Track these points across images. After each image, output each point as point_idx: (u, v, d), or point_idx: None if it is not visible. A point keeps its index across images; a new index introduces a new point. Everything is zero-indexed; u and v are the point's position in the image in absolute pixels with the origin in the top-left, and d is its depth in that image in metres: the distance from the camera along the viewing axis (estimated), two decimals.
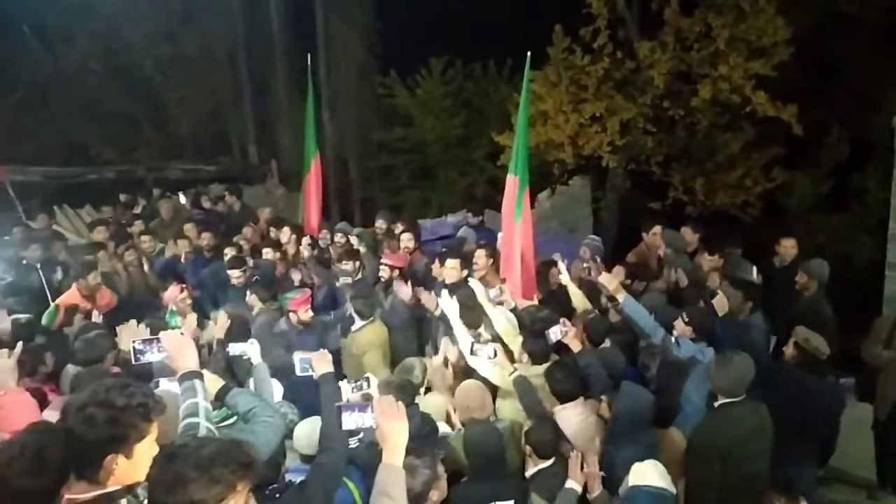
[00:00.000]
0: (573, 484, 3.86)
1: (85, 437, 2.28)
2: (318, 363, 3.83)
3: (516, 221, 6.67)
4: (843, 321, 6.65)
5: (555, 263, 6.64)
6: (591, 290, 6.56)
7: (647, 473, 3.65)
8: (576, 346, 5.16)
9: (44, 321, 6.32)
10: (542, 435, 4.18)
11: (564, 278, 6.38)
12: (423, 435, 4.28)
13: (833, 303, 6.56)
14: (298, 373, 4.34)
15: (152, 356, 3.41)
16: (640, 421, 4.42)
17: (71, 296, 7.00)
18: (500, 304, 6.20)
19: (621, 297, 5.52)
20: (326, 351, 3.97)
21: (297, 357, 4.40)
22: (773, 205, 12.63)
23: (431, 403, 4.92)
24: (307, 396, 4.48)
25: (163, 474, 2.08)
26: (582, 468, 3.92)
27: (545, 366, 5.00)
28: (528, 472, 4.19)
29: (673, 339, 5.20)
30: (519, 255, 6.62)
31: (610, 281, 5.71)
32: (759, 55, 10.84)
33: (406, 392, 4.39)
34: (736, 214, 12.35)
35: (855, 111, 12.51)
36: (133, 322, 5.11)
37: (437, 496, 3.40)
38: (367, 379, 4.60)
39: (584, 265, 7.18)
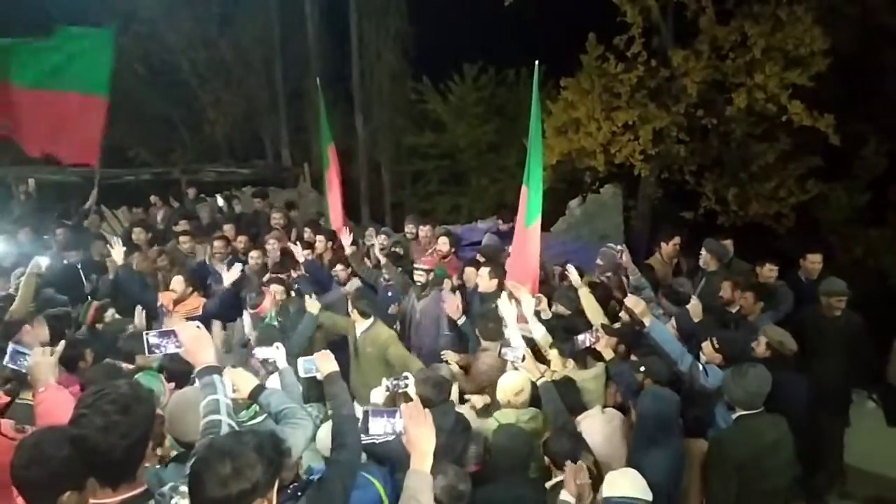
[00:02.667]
0: (567, 496, 3.83)
1: (112, 450, 2.29)
2: (323, 362, 3.83)
3: (527, 226, 6.63)
4: (880, 337, 6.56)
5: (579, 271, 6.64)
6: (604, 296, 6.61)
7: (620, 484, 3.60)
8: (608, 354, 5.16)
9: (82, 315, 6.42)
10: (560, 446, 4.15)
11: (576, 281, 6.34)
12: (456, 432, 4.33)
13: (870, 319, 6.47)
14: (302, 374, 4.22)
15: (167, 349, 3.24)
16: (666, 422, 4.40)
17: (167, 296, 7.29)
18: (538, 313, 6.24)
19: (648, 320, 5.27)
20: (328, 351, 3.95)
21: (301, 359, 4.31)
22: (808, 217, 12.45)
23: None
24: None
25: (221, 467, 2.11)
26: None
27: (594, 370, 5.17)
28: (549, 483, 4.16)
29: (700, 367, 5.03)
30: (528, 259, 6.60)
31: (636, 304, 5.38)
32: (796, 65, 10.69)
33: (442, 388, 4.45)
34: (769, 226, 12.19)
35: (894, 123, 12.29)
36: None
37: None
38: (406, 377, 4.63)
39: (601, 276, 7.21)
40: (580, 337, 5.39)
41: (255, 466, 2.13)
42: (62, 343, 4.06)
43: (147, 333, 3.26)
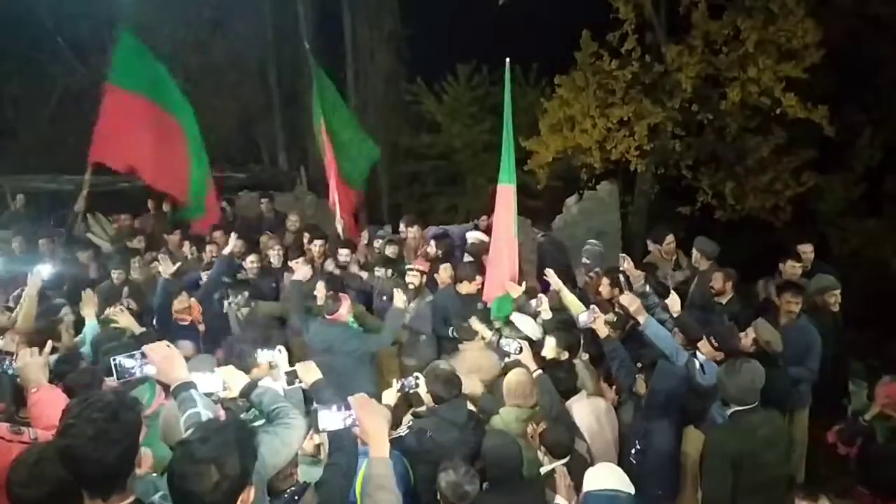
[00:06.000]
0: (560, 500, 3.86)
1: (104, 458, 2.28)
2: (306, 373, 3.83)
3: (515, 236, 6.56)
4: (880, 326, 6.58)
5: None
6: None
7: (601, 477, 3.64)
8: (603, 332, 5.23)
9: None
10: (557, 436, 4.26)
11: (555, 283, 6.35)
12: (469, 427, 4.35)
13: (870, 309, 6.50)
14: (286, 386, 4.24)
15: (140, 372, 3.17)
16: (675, 395, 4.63)
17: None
18: (537, 314, 6.29)
19: (642, 318, 5.33)
20: (311, 361, 3.96)
21: (283, 371, 4.38)
22: (804, 209, 12.46)
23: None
24: None
25: (207, 476, 2.18)
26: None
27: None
28: (544, 470, 4.23)
29: (697, 364, 5.04)
30: (513, 264, 6.53)
31: (631, 302, 5.44)
32: (789, 58, 10.70)
33: (453, 385, 4.47)
34: (766, 219, 12.20)
35: (889, 114, 12.31)
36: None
37: None
38: (417, 377, 4.64)
39: (589, 273, 7.23)
40: (582, 317, 5.57)
41: (239, 461, 2.21)
42: (49, 343, 4.03)
43: (115, 358, 3.20)
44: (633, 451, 4.67)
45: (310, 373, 3.76)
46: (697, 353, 5.10)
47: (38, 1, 15.59)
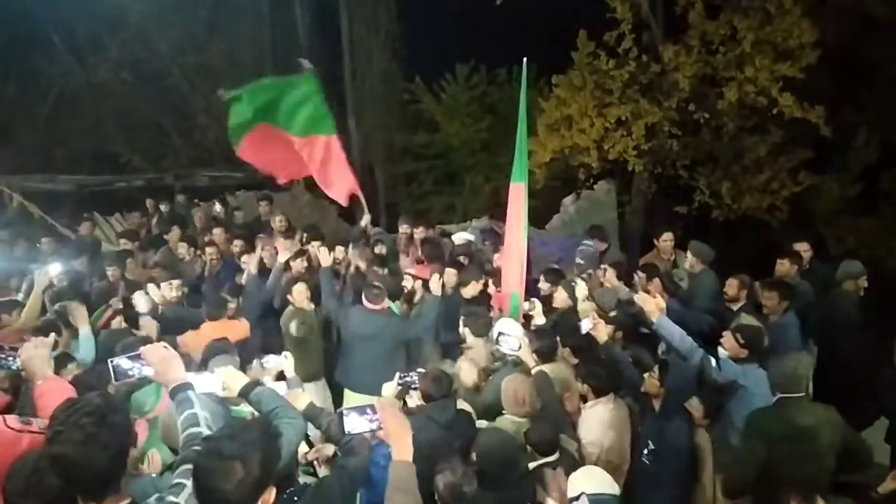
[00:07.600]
0: (552, 502, 3.87)
1: (95, 463, 2.27)
2: (293, 400, 3.84)
3: (524, 233, 6.58)
4: (878, 326, 6.58)
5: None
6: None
7: (584, 482, 3.61)
8: (603, 337, 5.24)
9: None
10: (542, 434, 4.29)
11: (581, 294, 6.42)
12: (456, 427, 4.36)
13: (866, 308, 6.53)
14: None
15: (138, 373, 3.15)
16: (687, 393, 4.66)
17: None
18: (531, 317, 6.33)
19: (656, 317, 5.27)
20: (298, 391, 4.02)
21: (288, 375, 4.49)
22: (801, 209, 12.48)
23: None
24: None
25: (232, 473, 2.20)
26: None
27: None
28: (532, 465, 4.23)
29: (713, 361, 5.05)
30: (522, 263, 6.56)
31: (645, 301, 5.37)
32: (786, 57, 10.72)
33: (441, 384, 4.48)
34: (762, 218, 12.22)
35: (885, 114, 12.33)
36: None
37: None
38: (418, 372, 4.65)
39: (581, 275, 7.27)
40: (582, 323, 5.60)
41: (262, 461, 2.23)
42: (52, 335, 4.01)
43: (113, 360, 3.19)
44: (645, 451, 4.67)
45: (299, 400, 3.79)
46: (720, 348, 5.13)
47: (35, 1, 15.56)
